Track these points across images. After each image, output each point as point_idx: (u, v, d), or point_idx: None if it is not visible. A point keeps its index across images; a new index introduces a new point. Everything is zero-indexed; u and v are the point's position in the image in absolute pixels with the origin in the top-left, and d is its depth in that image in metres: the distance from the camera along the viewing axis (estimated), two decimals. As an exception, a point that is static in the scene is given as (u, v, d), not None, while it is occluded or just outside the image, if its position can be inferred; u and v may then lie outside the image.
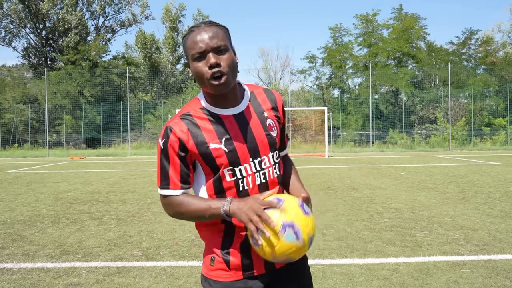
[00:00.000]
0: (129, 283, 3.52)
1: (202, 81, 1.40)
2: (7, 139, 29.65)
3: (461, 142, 26.61)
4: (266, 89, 1.59)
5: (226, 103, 1.46)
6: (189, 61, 1.43)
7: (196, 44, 1.39)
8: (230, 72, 1.40)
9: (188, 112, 1.48)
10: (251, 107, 1.51)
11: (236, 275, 1.48)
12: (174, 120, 1.46)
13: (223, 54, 1.39)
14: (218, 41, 1.39)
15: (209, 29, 1.40)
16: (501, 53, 33.67)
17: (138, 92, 37.62)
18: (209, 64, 1.37)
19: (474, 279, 3.48)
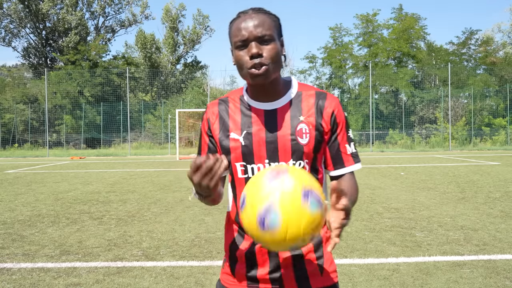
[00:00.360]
0: (129, 283, 3.52)
1: (242, 70, 1.33)
2: (7, 139, 29.65)
3: (461, 142, 26.61)
4: (319, 92, 1.42)
5: (263, 97, 1.38)
6: (232, 48, 1.36)
7: (239, 32, 1.30)
8: (272, 64, 1.29)
9: (227, 97, 1.47)
10: (288, 107, 1.38)
11: (240, 284, 1.41)
12: (213, 101, 1.47)
13: (267, 44, 1.29)
14: (263, 30, 1.29)
15: (256, 16, 1.31)
16: (501, 53, 33.68)
17: (138, 92, 37.61)
18: (251, 53, 1.28)
19: (474, 279, 3.48)
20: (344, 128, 1.41)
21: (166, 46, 38.75)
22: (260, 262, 1.38)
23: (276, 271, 1.38)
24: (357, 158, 1.43)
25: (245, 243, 1.40)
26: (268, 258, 1.38)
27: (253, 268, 1.39)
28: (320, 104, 1.39)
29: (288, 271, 1.38)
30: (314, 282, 1.37)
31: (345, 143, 1.41)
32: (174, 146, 24.74)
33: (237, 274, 1.42)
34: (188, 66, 39.36)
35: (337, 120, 1.39)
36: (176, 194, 8.40)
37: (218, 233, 5.16)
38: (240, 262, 1.41)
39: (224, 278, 1.46)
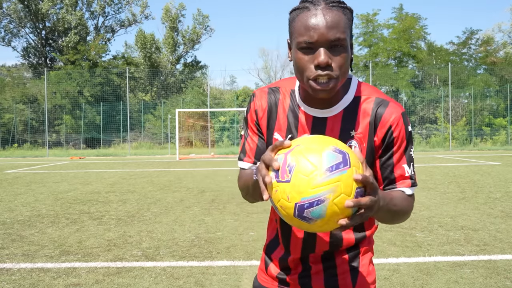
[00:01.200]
0: (129, 283, 3.51)
1: (302, 77, 1.11)
2: (6, 139, 29.64)
3: (461, 142, 26.61)
4: (380, 99, 1.18)
5: (315, 102, 1.19)
6: (292, 45, 1.12)
7: (307, 31, 1.06)
8: (341, 76, 1.10)
9: (279, 87, 1.27)
10: (340, 117, 1.18)
11: (271, 283, 1.36)
12: (262, 89, 1.29)
13: (339, 53, 1.08)
14: (337, 33, 1.06)
15: (329, 13, 1.07)
16: (502, 53, 33.68)
17: (138, 92, 37.61)
18: (318, 62, 1.06)
19: (475, 279, 3.47)
20: (404, 146, 1.18)
21: (166, 46, 38.74)
22: (292, 267, 1.32)
23: (307, 277, 1.30)
24: (414, 181, 1.21)
25: (280, 248, 1.34)
26: (300, 264, 1.31)
27: (285, 272, 1.33)
28: (377, 115, 1.17)
29: (318, 278, 1.29)
30: None
31: (403, 164, 1.19)
32: (174, 146, 24.74)
33: (269, 273, 1.37)
34: (188, 66, 39.35)
35: (395, 136, 1.17)
36: (176, 194, 8.39)
37: (218, 233, 5.15)
38: (274, 263, 1.36)
39: (259, 273, 1.42)
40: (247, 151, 1.29)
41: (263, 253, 1.42)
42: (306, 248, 1.27)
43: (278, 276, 1.34)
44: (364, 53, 32.97)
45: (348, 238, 1.26)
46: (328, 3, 1.08)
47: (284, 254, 1.31)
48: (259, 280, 1.41)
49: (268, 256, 1.38)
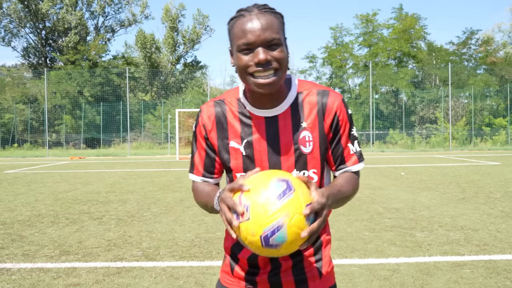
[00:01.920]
0: (129, 283, 3.51)
1: (244, 76, 1.21)
2: (6, 139, 29.64)
3: (461, 142, 26.61)
4: (321, 91, 1.31)
5: (263, 103, 1.27)
6: (233, 50, 1.22)
7: (244, 34, 1.17)
8: (281, 71, 1.19)
9: (224, 99, 1.35)
10: (289, 113, 1.28)
11: (238, 284, 1.39)
12: (208, 103, 1.36)
13: (275, 50, 1.18)
14: (272, 33, 1.17)
15: (262, 16, 1.18)
16: (502, 53, 33.68)
17: (138, 92, 37.60)
18: (258, 60, 1.16)
19: (475, 279, 3.47)
20: (348, 128, 1.33)
21: (166, 46, 38.74)
22: (262, 266, 1.36)
23: (276, 275, 1.35)
24: (361, 157, 1.37)
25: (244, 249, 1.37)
26: (270, 263, 1.35)
27: (253, 272, 1.37)
28: (322, 105, 1.29)
29: (287, 275, 1.35)
30: (313, 285, 1.35)
31: (348, 143, 1.34)
32: (174, 146, 24.73)
33: (236, 274, 1.39)
34: (188, 66, 39.35)
35: (340, 121, 1.31)
36: (176, 194, 8.39)
37: (218, 233, 5.15)
38: (241, 264, 1.39)
39: (223, 277, 1.44)
40: (196, 164, 1.38)
41: (226, 256, 1.43)
42: None
43: (246, 277, 1.36)
44: (364, 53, 32.97)
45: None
46: (260, 9, 1.20)
47: (253, 253, 1.33)
48: (224, 283, 1.42)
49: (234, 258, 1.40)
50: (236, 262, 1.40)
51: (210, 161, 1.36)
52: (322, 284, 1.36)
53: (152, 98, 37.07)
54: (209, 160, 1.36)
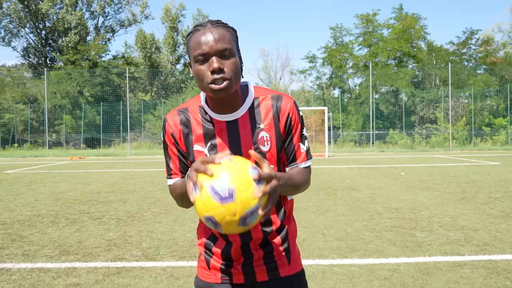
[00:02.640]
0: (129, 283, 3.51)
1: (202, 84, 1.33)
2: (6, 139, 29.65)
3: (461, 142, 26.62)
4: (275, 96, 1.45)
5: (223, 108, 1.40)
6: (191, 61, 1.36)
7: (199, 46, 1.31)
8: (234, 78, 1.32)
9: (187, 107, 1.47)
10: (247, 116, 1.42)
11: (215, 276, 1.50)
12: (172, 112, 1.48)
13: (228, 59, 1.31)
14: (224, 44, 1.30)
15: (215, 30, 1.32)
16: (501, 53, 33.70)
17: (138, 92, 37.62)
18: (212, 68, 1.29)
19: (475, 279, 3.47)
20: (299, 129, 1.47)
21: (166, 46, 38.76)
22: (235, 258, 1.47)
23: (249, 265, 1.47)
24: (309, 155, 1.51)
25: (220, 241, 1.48)
26: (242, 254, 1.47)
27: (228, 263, 1.48)
28: (277, 108, 1.43)
29: (259, 264, 1.47)
30: (283, 271, 1.49)
31: (299, 142, 1.47)
32: (174, 146, 24.72)
33: (212, 267, 1.51)
34: (188, 66, 39.35)
35: (292, 122, 1.45)
36: (176, 194, 8.38)
37: (218, 233, 5.15)
38: (215, 257, 1.50)
39: (200, 272, 1.54)
40: (173, 169, 1.50)
41: (201, 252, 1.54)
42: (244, 236, 1.44)
43: (222, 267, 1.49)
44: (364, 53, 32.98)
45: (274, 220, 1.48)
46: (213, 23, 1.34)
47: (226, 246, 1.46)
48: (201, 277, 1.53)
49: (208, 252, 1.51)
50: (210, 256, 1.51)
51: (183, 164, 1.48)
52: (291, 270, 1.51)
53: (152, 98, 37.08)
54: (182, 163, 1.48)
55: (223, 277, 1.49)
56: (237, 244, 1.46)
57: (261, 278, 1.48)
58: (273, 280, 1.48)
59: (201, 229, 1.55)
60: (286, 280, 1.49)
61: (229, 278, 1.49)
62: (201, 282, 1.53)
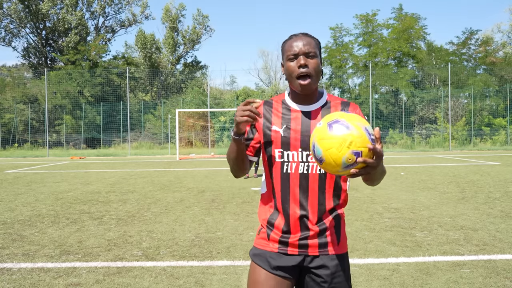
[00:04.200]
0: (129, 283, 3.52)
1: (291, 78, 1.69)
2: (7, 139, 29.65)
3: (461, 142, 26.62)
4: (344, 102, 1.79)
5: (302, 101, 1.76)
6: (284, 61, 1.73)
7: (292, 48, 1.69)
8: (315, 75, 1.68)
9: (272, 100, 1.84)
10: (320, 111, 1.75)
11: (272, 246, 1.74)
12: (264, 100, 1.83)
13: (312, 59, 1.68)
14: (310, 48, 1.68)
15: (304, 38, 1.70)
16: (501, 53, 33.68)
17: (138, 92, 37.61)
18: (299, 64, 1.66)
19: (474, 279, 3.48)
20: None
21: (166, 46, 38.75)
22: (293, 231, 1.72)
23: (304, 239, 1.72)
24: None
25: (280, 218, 1.74)
26: (300, 229, 1.71)
27: (286, 236, 1.73)
28: (345, 110, 1.76)
29: (313, 240, 1.72)
30: (331, 250, 1.74)
31: None
32: (174, 146, 24.75)
33: (271, 239, 1.75)
34: (188, 66, 39.34)
35: None
36: (176, 194, 8.40)
37: (218, 233, 5.16)
38: (276, 230, 1.75)
39: (259, 242, 1.78)
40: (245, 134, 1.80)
41: (263, 227, 1.79)
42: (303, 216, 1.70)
43: (281, 239, 1.73)
44: (364, 53, 32.97)
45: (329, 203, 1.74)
46: (304, 34, 1.74)
47: (286, 221, 1.73)
48: (260, 247, 1.77)
49: (270, 226, 1.77)
50: (271, 229, 1.76)
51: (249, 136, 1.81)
52: (339, 249, 1.76)
53: (152, 98, 37.08)
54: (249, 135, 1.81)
55: (280, 248, 1.73)
56: (296, 219, 1.71)
57: (312, 253, 1.72)
58: (322, 256, 1.72)
59: (265, 209, 1.81)
60: (333, 258, 1.73)
61: (285, 249, 1.73)
62: (258, 250, 1.76)
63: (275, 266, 1.71)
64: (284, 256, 1.72)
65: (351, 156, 1.34)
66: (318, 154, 1.40)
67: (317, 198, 1.70)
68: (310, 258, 1.72)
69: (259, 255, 1.75)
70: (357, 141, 1.34)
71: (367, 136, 1.36)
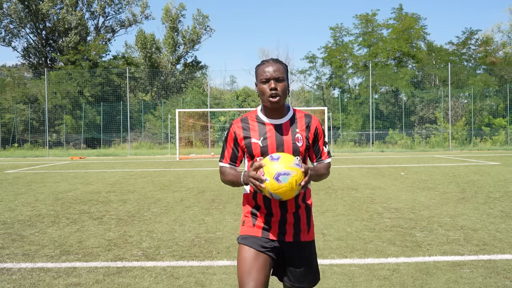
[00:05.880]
0: (129, 283, 3.52)
1: (264, 97, 2.09)
2: (7, 139, 29.65)
3: (461, 142, 26.62)
4: (307, 114, 2.22)
5: (273, 116, 2.15)
6: (258, 82, 2.12)
7: (264, 73, 2.09)
8: (282, 95, 2.09)
9: (247, 117, 2.22)
10: (288, 123, 2.17)
11: (257, 232, 2.15)
12: (237, 119, 2.22)
13: (280, 83, 2.08)
14: (279, 73, 2.08)
15: (274, 64, 2.10)
16: (501, 53, 33.67)
17: (138, 92, 37.61)
18: (271, 87, 2.07)
19: (474, 279, 3.48)
20: (323, 137, 2.25)
21: (166, 46, 38.74)
22: (272, 222, 2.15)
23: (283, 227, 2.16)
24: (329, 154, 2.29)
25: (262, 209, 2.16)
26: (279, 219, 2.15)
27: (268, 225, 2.16)
28: (307, 122, 2.20)
29: (289, 228, 2.16)
30: (303, 237, 2.20)
31: (323, 146, 2.25)
32: (174, 146, 24.74)
33: (256, 226, 2.16)
34: (188, 66, 39.34)
35: (318, 132, 2.22)
36: (176, 194, 8.40)
37: (218, 233, 5.16)
38: (259, 219, 2.17)
39: (245, 230, 2.16)
40: (225, 156, 2.23)
41: (248, 215, 2.20)
42: (282, 210, 2.14)
43: (264, 226, 2.16)
44: (364, 53, 32.96)
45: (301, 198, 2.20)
46: (274, 60, 2.14)
47: (266, 214, 2.16)
48: (245, 233, 2.16)
49: (255, 215, 2.18)
50: (255, 218, 2.18)
51: (234, 155, 2.22)
52: (309, 237, 2.22)
53: (152, 98, 37.08)
54: (234, 155, 2.22)
55: (263, 233, 2.14)
56: (276, 213, 2.14)
57: (288, 239, 2.15)
58: (295, 242, 2.17)
59: (248, 205, 2.21)
60: (304, 243, 2.19)
61: (267, 234, 2.14)
62: (245, 235, 2.14)
63: (261, 245, 2.10)
64: (266, 241, 2.12)
65: (299, 188, 1.93)
66: (277, 198, 1.94)
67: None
68: (286, 243, 2.15)
69: (247, 239, 2.13)
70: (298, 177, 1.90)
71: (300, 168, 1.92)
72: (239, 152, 2.20)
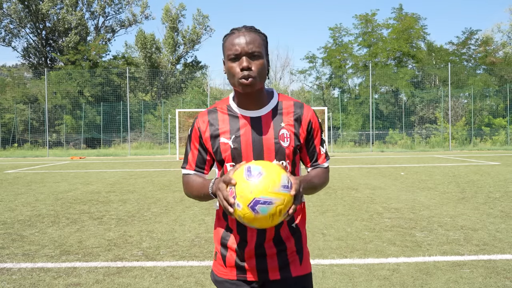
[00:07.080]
0: (129, 283, 3.52)
1: (233, 79, 1.50)
2: (7, 139, 29.64)
3: (461, 142, 26.61)
4: (297, 103, 1.63)
5: (249, 105, 1.57)
6: (225, 59, 1.53)
7: (233, 46, 1.48)
8: (258, 76, 1.49)
9: (216, 107, 1.64)
10: (270, 115, 1.58)
11: (231, 273, 1.60)
12: (203, 111, 1.65)
13: (256, 60, 1.48)
14: (254, 47, 1.48)
15: (248, 34, 1.49)
16: (501, 53, 33.67)
17: (138, 92, 37.60)
18: (241, 66, 1.46)
19: (474, 279, 3.48)
20: (319, 133, 1.64)
21: (166, 46, 38.74)
22: (247, 255, 1.58)
23: (262, 262, 1.57)
24: (327, 156, 1.70)
25: (233, 237, 1.60)
26: (254, 250, 1.57)
27: (242, 259, 1.58)
28: (298, 113, 1.60)
29: (272, 261, 1.57)
30: (294, 271, 1.59)
31: (319, 145, 1.65)
32: (174, 146, 24.75)
33: (228, 264, 1.60)
34: (188, 66, 39.34)
35: (313, 127, 1.62)
36: (176, 194, 8.40)
37: (218, 233, 5.16)
38: (230, 252, 1.60)
39: (217, 269, 1.64)
40: (190, 161, 1.65)
41: (218, 246, 1.65)
42: (260, 236, 1.55)
43: (237, 263, 1.59)
44: (364, 53, 32.96)
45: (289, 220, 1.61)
46: (247, 28, 1.51)
47: (240, 242, 1.58)
48: (218, 274, 1.64)
49: (224, 246, 1.62)
50: (226, 250, 1.62)
51: (202, 158, 1.63)
52: (302, 270, 1.61)
53: (152, 98, 37.07)
54: (201, 157, 1.63)
55: (239, 274, 1.59)
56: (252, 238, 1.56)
57: (273, 277, 1.57)
58: (284, 280, 1.57)
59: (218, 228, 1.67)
60: (296, 280, 1.58)
61: (244, 275, 1.58)
62: (218, 277, 1.64)
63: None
64: (243, 283, 1.58)
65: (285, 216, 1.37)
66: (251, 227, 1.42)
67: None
68: (272, 282, 1.57)
69: (221, 283, 1.63)
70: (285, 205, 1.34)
71: (287, 191, 1.34)
72: (207, 154, 1.63)
